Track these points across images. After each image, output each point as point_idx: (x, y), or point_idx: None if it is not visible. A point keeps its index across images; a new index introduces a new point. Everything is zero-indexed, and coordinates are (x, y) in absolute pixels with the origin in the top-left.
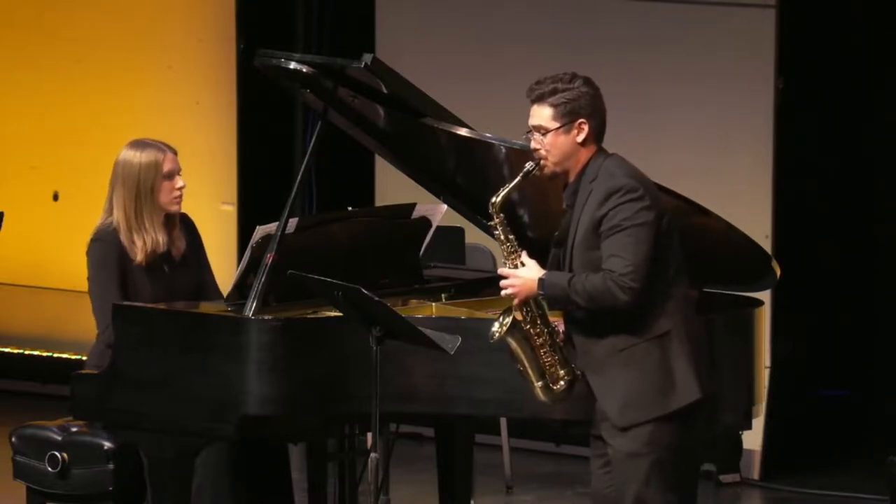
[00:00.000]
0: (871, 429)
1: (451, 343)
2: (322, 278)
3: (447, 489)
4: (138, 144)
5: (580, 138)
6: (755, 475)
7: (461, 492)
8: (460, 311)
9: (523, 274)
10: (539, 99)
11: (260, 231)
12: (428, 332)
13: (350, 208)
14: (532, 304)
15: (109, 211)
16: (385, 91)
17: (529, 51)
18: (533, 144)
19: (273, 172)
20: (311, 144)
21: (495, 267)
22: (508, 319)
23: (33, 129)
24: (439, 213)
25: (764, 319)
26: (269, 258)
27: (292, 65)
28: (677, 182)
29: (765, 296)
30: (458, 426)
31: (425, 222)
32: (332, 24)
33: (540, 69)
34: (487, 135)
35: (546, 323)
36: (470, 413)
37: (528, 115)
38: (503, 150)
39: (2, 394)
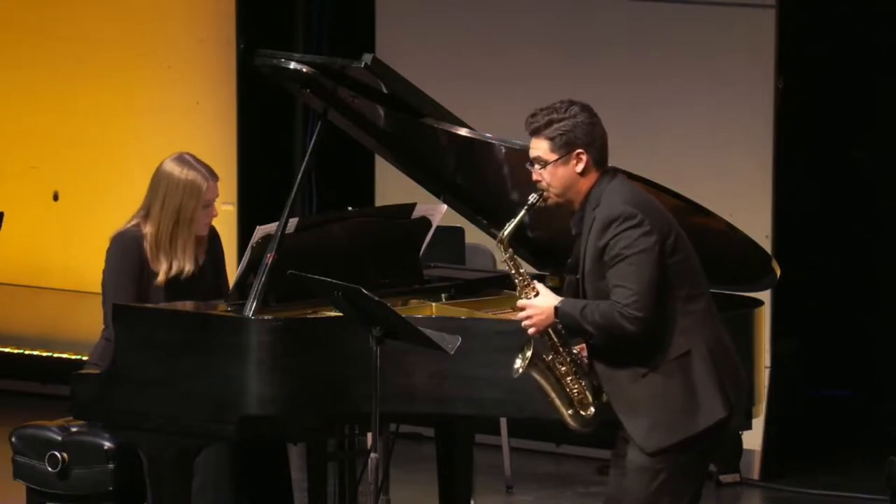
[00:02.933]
0: (871, 429)
1: (451, 343)
2: (322, 278)
3: (447, 489)
4: (184, 163)
5: (579, 168)
6: (755, 475)
7: (461, 492)
8: (460, 311)
9: (539, 303)
10: (535, 132)
11: (260, 231)
12: (428, 332)
13: (350, 208)
14: (552, 332)
15: (144, 219)
16: (385, 91)
17: (529, 51)
18: (534, 177)
19: (273, 172)
20: (311, 144)
21: (495, 267)
22: (529, 352)
23: (33, 129)
24: (439, 213)
25: (764, 319)
26: (269, 258)
27: (292, 65)
28: (677, 182)
29: (765, 296)
30: (458, 426)
31: (425, 222)
32: (332, 24)
33: (539, 69)
34: (487, 135)
35: (568, 351)
36: (470, 413)
37: (526, 114)
38: (503, 150)
39: (2, 394)
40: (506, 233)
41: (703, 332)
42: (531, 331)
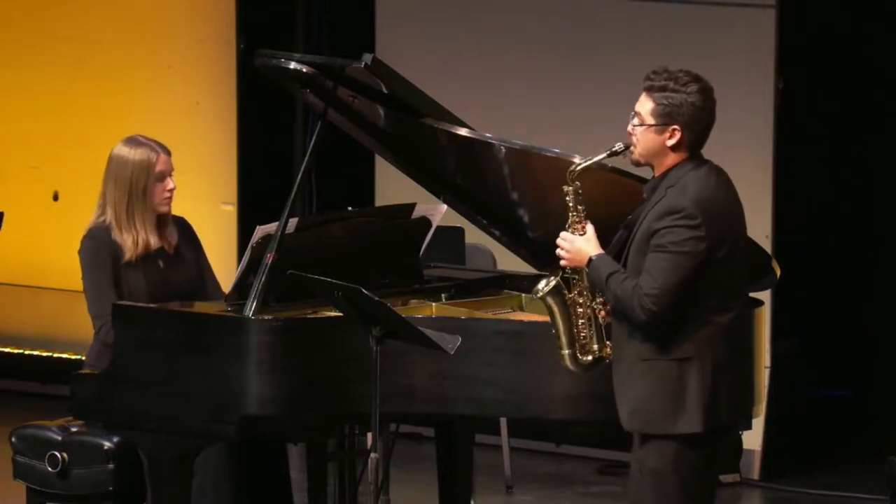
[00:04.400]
0: (871, 429)
1: (451, 343)
2: (322, 278)
3: (447, 489)
4: (132, 142)
5: (670, 143)
6: (755, 475)
7: (461, 492)
8: (460, 311)
9: (579, 245)
10: (648, 89)
11: (260, 231)
12: (428, 332)
13: (350, 208)
14: (584, 274)
15: (102, 207)
16: (385, 91)
17: (529, 51)
18: (629, 128)
19: (273, 172)
20: (311, 144)
21: (495, 267)
22: (554, 280)
23: (33, 129)
24: (439, 213)
25: (764, 319)
26: (269, 258)
27: (292, 65)
28: None
29: (765, 296)
30: (458, 426)
31: (425, 222)
32: (332, 24)
33: (540, 69)
34: (487, 135)
35: (592, 298)
36: (470, 413)
37: (526, 114)
38: (503, 150)
39: (2, 394)
40: (580, 167)
41: (716, 346)
42: (562, 262)
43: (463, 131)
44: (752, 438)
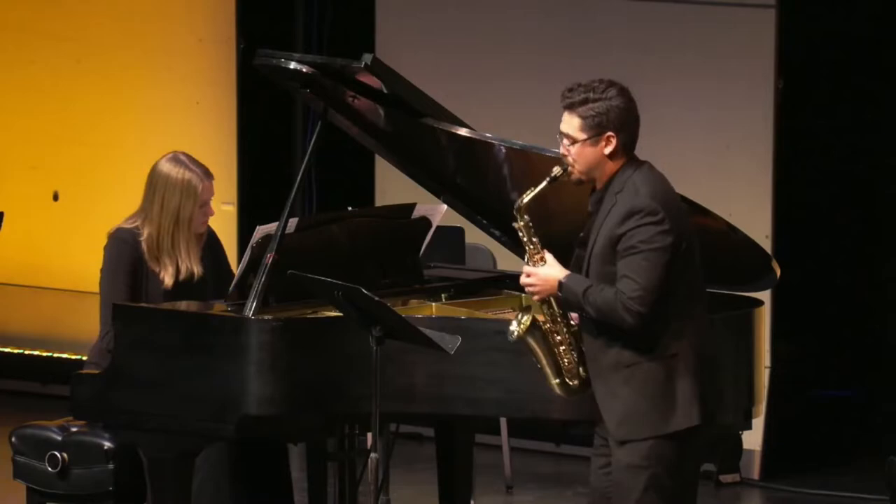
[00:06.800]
0: (871, 429)
1: (451, 343)
2: (322, 278)
3: (447, 489)
4: (181, 164)
5: (607, 151)
6: (755, 475)
7: (461, 492)
8: (460, 311)
9: (545, 273)
10: (569, 107)
11: (260, 231)
12: (428, 332)
13: (350, 208)
14: (553, 301)
15: (142, 220)
16: (385, 91)
17: (529, 51)
18: (561, 150)
19: (273, 172)
20: (311, 144)
21: (495, 267)
22: (527, 318)
23: (33, 129)
24: (439, 213)
25: (764, 319)
26: (269, 258)
27: (292, 65)
28: (677, 182)
29: (765, 296)
30: (458, 426)
31: (425, 222)
32: (332, 24)
33: (540, 69)
34: (487, 135)
35: (566, 322)
36: (470, 413)
37: (527, 114)
38: (503, 150)
39: (2, 394)
40: (524, 201)
41: (693, 339)
42: (535, 298)
43: (463, 131)
44: (752, 438)
